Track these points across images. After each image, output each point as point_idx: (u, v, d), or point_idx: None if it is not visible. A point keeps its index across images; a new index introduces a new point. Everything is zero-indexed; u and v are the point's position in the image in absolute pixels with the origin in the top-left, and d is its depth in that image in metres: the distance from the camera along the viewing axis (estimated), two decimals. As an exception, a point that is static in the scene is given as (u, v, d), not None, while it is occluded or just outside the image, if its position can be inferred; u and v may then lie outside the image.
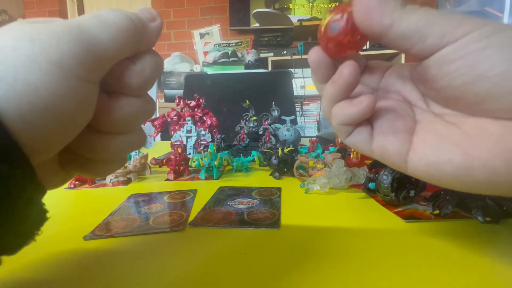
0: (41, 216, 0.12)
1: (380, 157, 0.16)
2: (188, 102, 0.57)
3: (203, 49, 2.49)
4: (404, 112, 0.17)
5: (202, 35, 2.51)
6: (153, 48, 0.17)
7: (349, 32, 0.15)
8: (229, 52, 2.02)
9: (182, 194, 0.34)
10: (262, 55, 2.05)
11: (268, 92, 0.96)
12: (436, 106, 0.16)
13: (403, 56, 1.94)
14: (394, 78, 0.19)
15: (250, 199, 0.31)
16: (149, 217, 0.27)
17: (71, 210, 0.31)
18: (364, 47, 2.02)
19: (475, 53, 0.12)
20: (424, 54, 0.14)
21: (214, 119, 0.58)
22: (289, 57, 1.99)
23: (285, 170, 0.41)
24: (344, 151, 0.44)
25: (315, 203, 0.30)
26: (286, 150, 0.42)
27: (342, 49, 0.16)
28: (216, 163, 0.41)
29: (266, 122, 0.61)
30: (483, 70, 0.12)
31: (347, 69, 0.16)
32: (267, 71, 1.73)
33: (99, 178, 0.42)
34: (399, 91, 0.18)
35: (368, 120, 0.17)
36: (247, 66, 1.95)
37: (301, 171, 0.40)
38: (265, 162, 0.43)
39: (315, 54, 0.17)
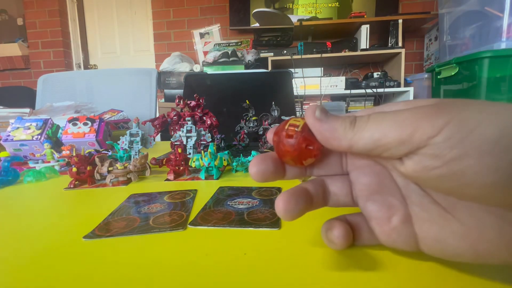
0: None
1: (391, 246, 0.16)
2: (188, 102, 0.57)
3: (203, 49, 2.49)
4: (392, 192, 0.16)
5: (202, 35, 2.51)
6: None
7: (303, 147, 0.16)
8: (229, 52, 2.02)
9: (182, 194, 0.34)
10: (262, 55, 2.05)
11: (268, 92, 0.96)
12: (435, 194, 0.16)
13: (403, 56, 1.94)
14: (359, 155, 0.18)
15: (250, 199, 0.31)
16: (149, 217, 0.27)
17: (71, 210, 0.31)
18: (364, 47, 2.02)
19: (455, 162, 0.12)
20: (395, 158, 0.14)
21: (214, 119, 0.58)
22: (289, 57, 1.99)
23: (285, 170, 0.41)
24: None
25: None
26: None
27: (297, 162, 0.17)
28: (216, 163, 0.41)
29: (266, 122, 0.61)
30: (469, 180, 0.12)
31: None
32: (267, 71, 1.73)
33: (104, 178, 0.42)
34: (369, 164, 0.18)
35: (362, 211, 0.17)
36: (247, 66, 1.95)
37: (301, 171, 0.39)
38: (265, 162, 0.43)
39: (256, 169, 0.17)
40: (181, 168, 0.43)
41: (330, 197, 0.19)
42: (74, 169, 0.39)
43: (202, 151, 0.42)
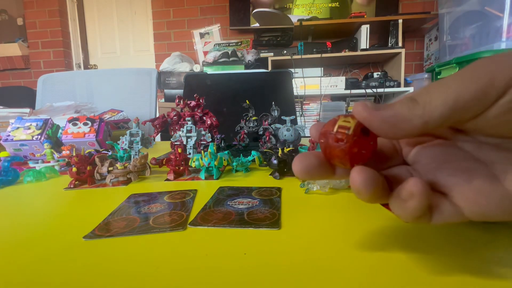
0: None
1: (485, 220, 0.13)
2: (188, 102, 0.57)
3: (203, 48, 2.49)
4: (463, 158, 0.14)
5: (202, 35, 2.51)
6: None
7: (354, 151, 0.14)
8: (229, 52, 2.02)
9: (182, 194, 0.34)
10: (262, 55, 2.05)
11: (268, 92, 0.96)
12: (487, 138, 0.14)
13: (403, 56, 1.94)
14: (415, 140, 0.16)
15: (250, 199, 0.31)
16: (149, 217, 0.27)
17: (71, 210, 0.31)
18: (364, 47, 2.02)
19: None
20: (475, 116, 0.13)
21: (214, 119, 0.58)
22: (289, 57, 1.99)
23: (285, 170, 0.41)
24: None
25: (315, 203, 0.30)
26: (286, 150, 0.42)
27: (347, 165, 0.15)
28: (216, 163, 0.41)
29: (266, 122, 0.61)
30: None
31: (358, 180, 0.13)
32: (267, 71, 1.73)
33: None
34: (427, 140, 0.16)
35: (437, 188, 0.14)
36: (247, 66, 1.95)
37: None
38: (265, 162, 0.43)
39: (300, 166, 0.15)
40: (181, 168, 0.43)
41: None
42: (74, 169, 0.39)
43: (202, 151, 0.42)
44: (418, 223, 0.14)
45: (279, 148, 0.42)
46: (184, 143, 0.51)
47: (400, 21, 1.99)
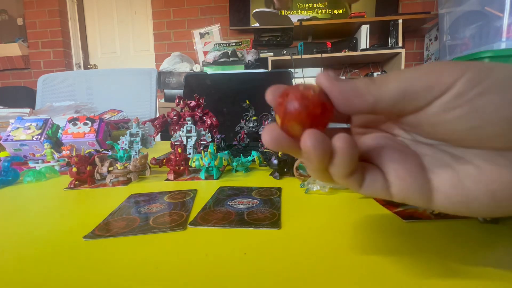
0: None
1: (402, 200, 0.15)
2: (188, 102, 0.57)
3: (203, 48, 2.49)
4: (401, 145, 0.16)
5: (202, 35, 2.51)
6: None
7: (318, 112, 0.14)
8: (229, 52, 2.02)
9: (182, 194, 0.34)
10: (262, 55, 2.05)
11: (268, 92, 0.96)
12: (424, 139, 0.16)
13: (403, 56, 1.94)
14: (361, 116, 0.18)
15: (250, 199, 0.31)
16: (149, 217, 0.27)
17: (71, 210, 0.31)
18: (364, 47, 2.02)
19: (476, 99, 0.13)
20: (418, 109, 0.14)
21: (214, 119, 0.58)
22: (289, 57, 1.98)
23: (285, 170, 0.41)
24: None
25: (315, 203, 0.30)
26: (286, 150, 0.42)
27: (306, 127, 0.14)
28: (216, 163, 0.41)
29: (266, 122, 0.61)
30: (490, 115, 0.12)
31: (308, 142, 0.13)
32: (267, 71, 1.73)
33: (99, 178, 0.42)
34: (375, 125, 0.18)
35: (375, 163, 0.16)
36: (247, 66, 1.95)
37: (301, 171, 0.40)
38: (265, 162, 0.43)
39: (269, 135, 0.15)
40: (181, 168, 0.43)
41: None
42: (74, 169, 0.39)
43: (202, 151, 0.42)
44: (349, 187, 0.15)
45: (279, 148, 0.42)
46: (184, 143, 0.51)
47: (400, 21, 1.99)
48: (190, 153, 0.50)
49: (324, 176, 0.15)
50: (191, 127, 0.52)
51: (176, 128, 0.56)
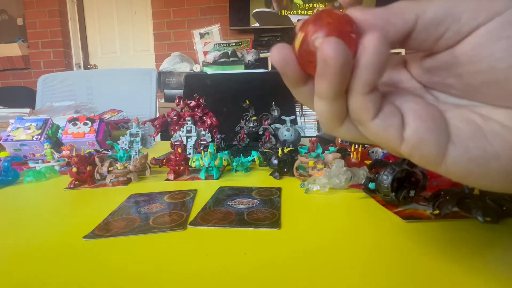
0: None
1: (413, 148, 0.13)
2: (188, 102, 0.57)
3: (203, 49, 2.49)
4: (422, 99, 0.14)
5: (202, 35, 2.51)
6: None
7: (347, 30, 0.12)
8: (229, 52, 2.02)
9: (182, 194, 0.34)
10: (262, 55, 2.05)
11: (268, 92, 0.96)
12: (447, 97, 0.15)
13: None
14: (387, 70, 0.16)
15: (250, 199, 0.31)
16: (149, 217, 0.27)
17: (71, 210, 0.31)
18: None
19: None
20: (459, 37, 0.12)
21: (214, 119, 0.58)
22: (289, 57, 1.98)
23: (285, 170, 0.41)
24: (344, 151, 0.44)
25: (315, 203, 0.30)
26: (286, 150, 0.42)
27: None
28: (216, 163, 0.41)
29: (266, 122, 0.61)
30: None
31: (330, 49, 0.11)
32: (267, 71, 1.73)
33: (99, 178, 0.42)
34: (397, 83, 0.16)
35: (395, 103, 0.14)
36: (247, 66, 1.95)
37: (301, 171, 0.40)
38: (265, 162, 0.43)
39: (279, 53, 0.13)
40: (181, 168, 0.43)
41: None
42: (74, 169, 0.39)
43: (202, 151, 0.42)
44: (362, 112, 0.13)
45: (279, 148, 0.42)
46: (184, 143, 0.51)
47: (400, 21, 1.98)
48: (190, 153, 0.50)
49: (334, 112, 0.14)
50: (191, 127, 0.52)
51: (176, 128, 0.56)
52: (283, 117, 0.57)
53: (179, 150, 0.43)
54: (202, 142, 0.52)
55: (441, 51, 0.13)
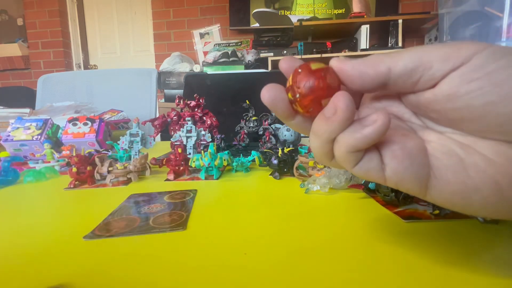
0: None
1: (396, 185, 0.14)
2: (188, 102, 0.57)
3: (203, 49, 2.49)
4: (406, 129, 0.15)
5: (202, 35, 2.51)
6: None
7: (325, 88, 0.14)
8: (229, 52, 2.02)
9: (182, 194, 0.34)
10: (262, 55, 2.05)
11: (268, 92, 0.96)
12: (434, 125, 0.15)
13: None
14: (377, 93, 0.17)
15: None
16: (149, 217, 0.27)
17: (71, 210, 0.31)
18: (364, 47, 2.02)
19: (497, 72, 0.12)
20: (433, 81, 0.13)
21: (214, 119, 0.58)
22: (289, 57, 1.98)
23: (285, 170, 0.41)
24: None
25: (315, 203, 0.30)
26: (286, 150, 0.42)
27: (318, 106, 0.14)
28: (216, 163, 0.41)
29: (266, 122, 0.61)
30: (508, 90, 0.12)
31: (342, 102, 0.13)
32: (267, 71, 1.73)
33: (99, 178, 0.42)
34: (385, 107, 0.17)
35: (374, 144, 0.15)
36: (247, 66, 1.95)
37: (301, 171, 0.40)
38: (265, 162, 0.43)
39: (269, 93, 0.15)
40: (181, 168, 0.43)
41: None
42: (74, 169, 0.39)
43: (202, 151, 0.42)
44: (344, 163, 0.15)
45: (279, 148, 0.42)
46: (184, 143, 0.51)
47: (400, 21, 1.99)
48: (190, 153, 0.50)
49: (325, 151, 0.15)
50: (191, 127, 0.52)
51: (176, 128, 0.56)
52: (283, 117, 0.57)
53: (179, 150, 0.43)
54: (202, 142, 0.52)
55: (422, 91, 0.14)
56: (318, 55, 1.96)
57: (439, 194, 0.14)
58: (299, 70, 0.15)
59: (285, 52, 2.03)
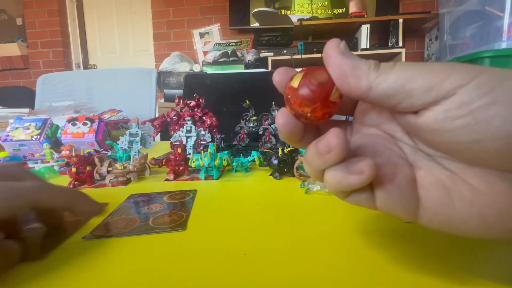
0: None
1: (387, 213, 0.15)
2: (188, 102, 0.57)
3: (203, 48, 2.49)
4: (396, 155, 0.15)
5: (201, 35, 2.51)
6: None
7: (323, 96, 0.14)
8: (229, 52, 2.02)
9: (182, 195, 0.34)
10: (262, 55, 2.05)
11: (268, 92, 0.96)
12: (425, 147, 0.15)
13: (403, 56, 1.94)
14: (369, 108, 0.17)
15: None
16: (149, 217, 0.27)
17: (70, 211, 0.31)
18: (364, 47, 2.02)
19: (482, 110, 0.11)
20: (413, 109, 0.13)
21: (214, 119, 0.58)
22: (289, 57, 1.98)
23: (285, 170, 0.41)
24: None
25: (315, 203, 0.30)
26: (286, 150, 0.42)
27: (317, 116, 0.14)
28: (216, 163, 0.41)
29: (266, 122, 0.61)
30: (494, 129, 0.11)
31: (335, 140, 0.13)
32: (267, 70, 1.73)
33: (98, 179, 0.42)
34: (378, 124, 0.17)
35: None
36: (247, 66, 1.95)
37: (301, 171, 0.39)
38: (265, 162, 0.43)
39: (284, 118, 0.15)
40: (181, 168, 0.43)
41: None
42: (74, 169, 0.39)
43: (202, 151, 0.42)
44: (336, 194, 0.15)
45: (279, 148, 0.42)
46: (184, 143, 0.51)
47: (401, 20, 1.99)
48: (189, 153, 0.50)
49: (318, 176, 0.15)
50: (191, 127, 0.52)
51: (176, 128, 0.55)
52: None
53: (179, 150, 0.43)
54: (202, 142, 0.52)
55: (402, 113, 0.14)
56: (319, 55, 1.96)
57: (428, 222, 0.14)
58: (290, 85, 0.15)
59: (285, 51, 2.03)
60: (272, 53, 2.04)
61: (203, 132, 0.53)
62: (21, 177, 0.22)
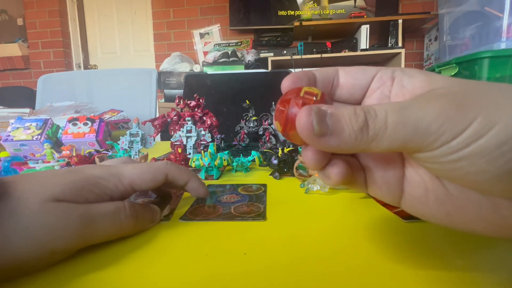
0: None
1: (375, 197, 0.17)
2: (188, 102, 0.57)
3: (203, 49, 2.49)
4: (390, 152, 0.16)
5: (202, 35, 2.51)
6: None
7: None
8: (229, 52, 2.02)
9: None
10: (262, 55, 2.05)
11: (268, 92, 0.96)
12: None
13: (403, 56, 1.94)
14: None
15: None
16: (230, 206, 0.28)
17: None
18: (364, 47, 2.02)
19: (473, 157, 0.12)
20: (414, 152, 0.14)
21: (214, 119, 0.58)
22: (289, 57, 1.99)
23: (285, 170, 0.41)
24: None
25: (315, 203, 0.30)
26: (286, 150, 0.42)
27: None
28: (216, 163, 0.41)
29: (266, 122, 0.61)
30: (479, 170, 0.12)
31: (335, 171, 0.15)
32: (267, 71, 1.73)
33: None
34: None
35: (360, 160, 0.17)
36: (247, 66, 1.95)
37: (301, 171, 0.40)
38: (265, 162, 0.43)
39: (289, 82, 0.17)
40: (181, 168, 0.43)
41: None
42: (74, 169, 0.39)
43: (202, 151, 0.42)
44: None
45: (279, 148, 0.42)
46: (184, 143, 0.51)
47: (400, 21, 1.99)
48: (190, 153, 0.50)
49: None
50: (191, 127, 0.52)
51: (176, 128, 0.56)
52: (283, 117, 0.57)
53: (179, 150, 0.43)
54: (202, 142, 0.52)
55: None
56: (318, 55, 1.96)
57: (406, 210, 0.16)
58: (288, 100, 0.15)
59: (285, 52, 2.04)
60: (272, 54, 2.05)
61: (203, 132, 0.53)
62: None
